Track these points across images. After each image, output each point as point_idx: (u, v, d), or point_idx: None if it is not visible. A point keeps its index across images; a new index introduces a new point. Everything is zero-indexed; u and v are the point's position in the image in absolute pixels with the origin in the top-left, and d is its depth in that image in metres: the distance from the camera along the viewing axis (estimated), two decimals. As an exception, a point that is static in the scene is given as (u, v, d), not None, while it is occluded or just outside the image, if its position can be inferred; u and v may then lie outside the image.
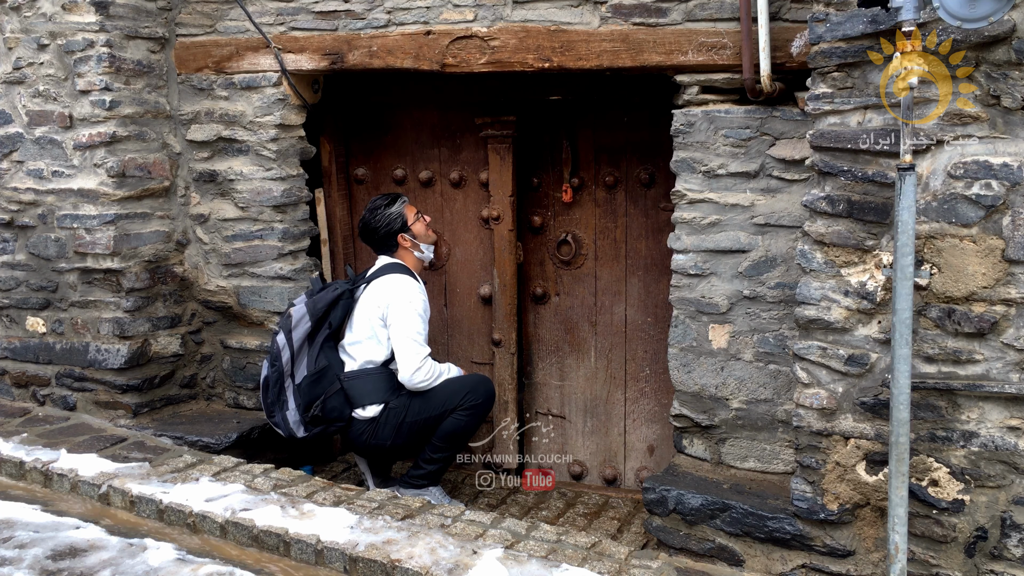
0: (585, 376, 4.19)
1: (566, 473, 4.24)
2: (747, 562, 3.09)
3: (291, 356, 3.70)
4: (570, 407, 4.24)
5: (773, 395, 3.28)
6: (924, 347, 2.64)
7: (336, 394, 3.70)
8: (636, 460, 4.13)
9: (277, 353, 3.69)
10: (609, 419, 4.17)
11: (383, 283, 3.74)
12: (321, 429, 3.74)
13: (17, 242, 4.30)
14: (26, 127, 4.17)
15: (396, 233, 3.82)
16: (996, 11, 2.29)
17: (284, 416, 3.70)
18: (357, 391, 3.69)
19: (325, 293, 3.75)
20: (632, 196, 3.99)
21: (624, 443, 4.15)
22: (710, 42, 3.25)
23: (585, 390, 4.20)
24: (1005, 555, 2.62)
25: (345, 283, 3.85)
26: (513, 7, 3.57)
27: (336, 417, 3.71)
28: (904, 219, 2.44)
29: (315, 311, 3.70)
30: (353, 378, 3.71)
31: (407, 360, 3.62)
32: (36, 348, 4.33)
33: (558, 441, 4.28)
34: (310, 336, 3.73)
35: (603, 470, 4.18)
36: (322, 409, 3.69)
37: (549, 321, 4.24)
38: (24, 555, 2.95)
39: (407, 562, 2.79)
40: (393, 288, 3.70)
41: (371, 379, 3.71)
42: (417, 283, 3.78)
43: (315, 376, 3.70)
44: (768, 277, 3.24)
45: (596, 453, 4.21)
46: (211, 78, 4.16)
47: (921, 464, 2.69)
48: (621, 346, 4.09)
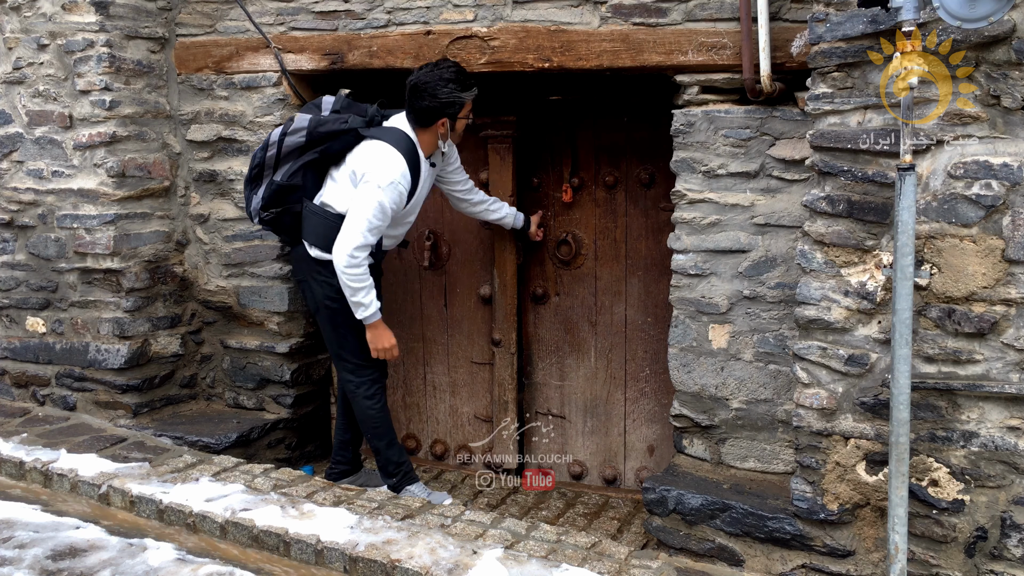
0: (585, 376, 4.19)
1: (566, 473, 4.24)
2: (747, 562, 3.09)
3: (276, 155, 3.55)
4: (570, 407, 4.24)
5: (773, 395, 3.28)
6: (924, 347, 2.64)
7: (295, 215, 3.58)
8: (636, 460, 4.13)
9: (267, 143, 3.56)
10: (609, 419, 4.16)
11: (373, 149, 3.45)
12: (270, 230, 3.72)
13: (17, 242, 4.30)
14: (26, 127, 4.17)
15: (442, 115, 3.45)
16: (996, 11, 2.29)
17: (250, 197, 3.65)
18: (309, 225, 3.56)
19: (333, 123, 3.51)
20: (632, 196, 3.99)
21: (624, 443, 4.15)
22: (710, 42, 3.25)
23: (585, 390, 4.19)
24: (1005, 555, 2.62)
25: (360, 121, 3.53)
26: (513, 7, 3.57)
27: (285, 231, 3.65)
28: (904, 219, 2.44)
29: (312, 133, 3.51)
30: (314, 212, 3.55)
31: (344, 240, 3.37)
32: (36, 348, 4.33)
33: (558, 441, 4.28)
34: (300, 150, 3.54)
35: (603, 470, 4.18)
36: (276, 219, 3.61)
37: (549, 321, 4.24)
38: (24, 555, 2.96)
39: (407, 562, 2.79)
40: (377, 162, 3.40)
41: (325, 224, 3.51)
42: (404, 172, 3.40)
43: (285, 189, 3.55)
44: (768, 277, 3.24)
45: (596, 453, 4.21)
46: (211, 78, 4.16)
47: (921, 464, 2.69)
48: (621, 346, 4.09)
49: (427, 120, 3.46)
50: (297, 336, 4.26)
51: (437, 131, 3.49)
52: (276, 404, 4.31)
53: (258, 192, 3.62)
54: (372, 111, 3.57)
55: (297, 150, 3.53)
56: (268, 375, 4.28)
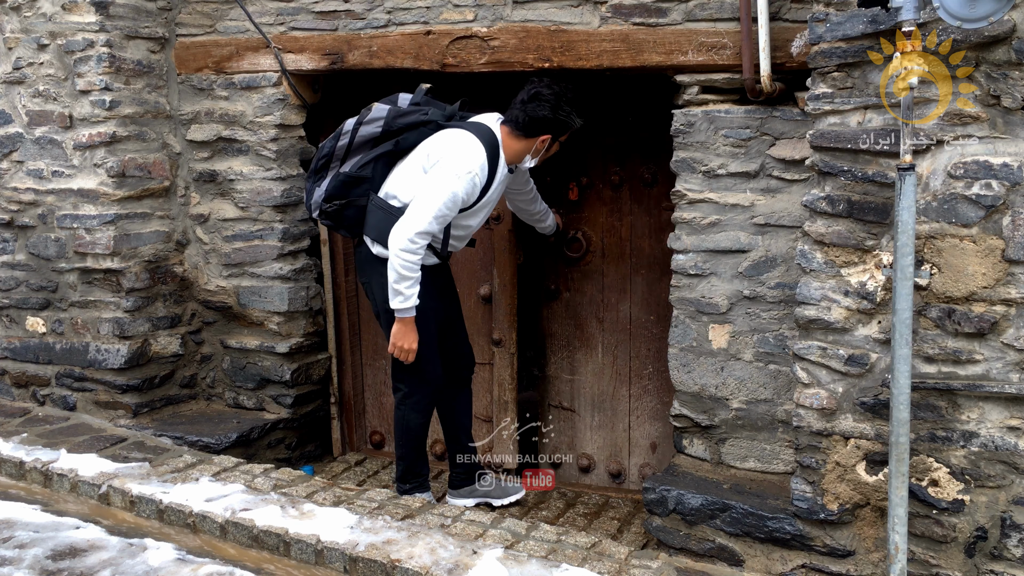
0: (593, 371, 4.21)
1: (575, 466, 4.28)
2: (747, 562, 3.09)
3: (348, 145, 3.42)
4: (580, 401, 4.27)
5: (773, 395, 3.28)
6: (924, 347, 2.64)
7: (359, 209, 3.44)
8: (639, 456, 4.14)
9: (339, 133, 3.44)
10: (615, 415, 4.18)
11: (453, 136, 3.34)
12: (330, 224, 3.57)
13: (17, 242, 4.30)
14: (26, 127, 4.17)
15: (549, 130, 3.35)
16: (996, 11, 2.29)
17: (312, 189, 3.51)
18: (372, 219, 3.40)
19: (412, 114, 3.41)
20: (636, 195, 4.01)
21: (628, 439, 4.17)
22: (710, 42, 3.25)
23: (593, 385, 4.22)
24: (1005, 555, 2.62)
25: (439, 114, 3.44)
26: (513, 7, 3.57)
27: (346, 225, 3.51)
28: (904, 219, 2.44)
29: (391, 124, 3.39)
30: (378, 207, 3.40)
31: (408, 223, 3.21)
32: (36, 348, 4.33)
33: (568, 434, 4.31)
34: (374, 141, 3.42)
35: (609, 464, 4.20)
36: (337, 212, 3.46)
37: (560, 316, 4.28)
38: (24, 555, 2.96)
39: (407, 562, 2.79)
40: (457, 148, 3.28)
41: (388, 218, 3.34)
42: (483, 165, 3.28)
43: (353, 180, 3.41)
44: (768, 277, 3.24)
45: (603, 447, 4.23)
46: (211, 78, 4.16)
47: (921, 464, 2.69)
48: (626, 343, 4.11)
49: (532, 130, 3.35)
50: (297, 336, 4.26)
51: (534, 144, 3.38)
52: (276, 404, 4.31)
53: (322, 184, 3.47)
54: (452, 108, 3.48)
55: (371, 141, 3.42)
56: (268, 375, 4.28)
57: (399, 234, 3.22)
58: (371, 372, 4.62)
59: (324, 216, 3.52)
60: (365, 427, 4.67)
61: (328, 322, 4.44)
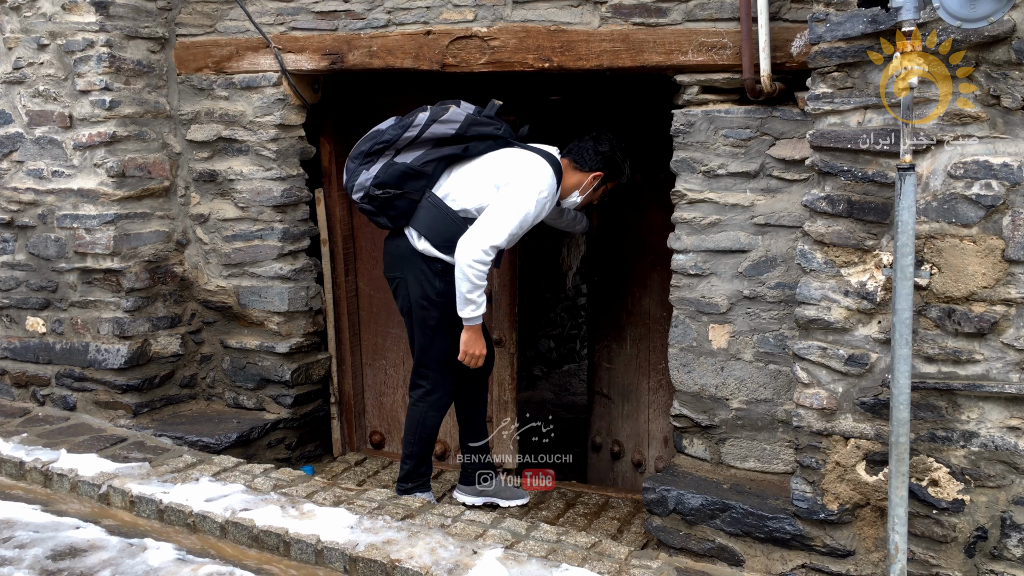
0: (624, 361, 4.32)
1: (608, 452, 4.36)
2: (747, 562, 3.09)
3: (414, 138, 3.42)
4: (614, 389, 4.35)
5: (773, 395, 3.28)
6: (924, 347, 2.64)
7: (412, 203, 3.45)
8: (656, 448, 4.22)
9: (408, 124, 3.42)
10: (638, 405, 4.27)
11: (529, 158, 3.45)
12: (371, 210, 3.50)
13: (17, 242, 4.30)
14: (26, 127, 4.17)
15: (602, 167, 3.55)
16: (996, 11, 2.29)
17: (358, 171, 3.46)
18: (426, 216, 3.44)
19: (487, 126, 3.47)
20: (653, 193, 4.07)
21: (648, 431, 4.24)
22: (710, 42, 3.25)
23: (623, 375, 4.33)
24: (1005, 555, 2.62)
25: (509, 132, 3.55)
26: (513, 7, 3.57)
27: (391, 216, 3.48)
28: (904, 219, 2.44)
29: (465, 129, 3.43)
30: (435, 205, 3.43)
31: (482, 235, 3.29)
32: (36, 348, 4.33)
33: (606, 419, 4.42)
34: (442, 141, 3.45)
35: (633, 454, 4.28)
36: (386, 201, 3.43)
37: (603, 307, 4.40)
38: (24, 555, 2.95)
39: (407, 562, 2.79)
40: (534, 171, 3.40)
41: (444, 218, 3.42)
42: (553, 190, 3.44)
43: (413, 173, 3.42)
44: (768, 277, 3.24)
45: (630, 436, 4.34)
46: (211, 78, 4.16)
47: (921, 464, 2.69)
48: (647, 337, 4.20)
49: (589, 163, 3.54)
50: (297, 336, 4.26)
51: (584, 179, 3.55)
52: (276, 404, 4.31)
53: (371, 169, 3.45)
54: (524, 130, 3.64)
55: (437, 140, 3.44)
56: (268, 375, 4.28)
57: (473, 245, 3.29)
58: (371, 372, 4.62)
59: (368, 200, 3.48)
60: (365, 427, 4.67)
61: (328, 322, 4.44)
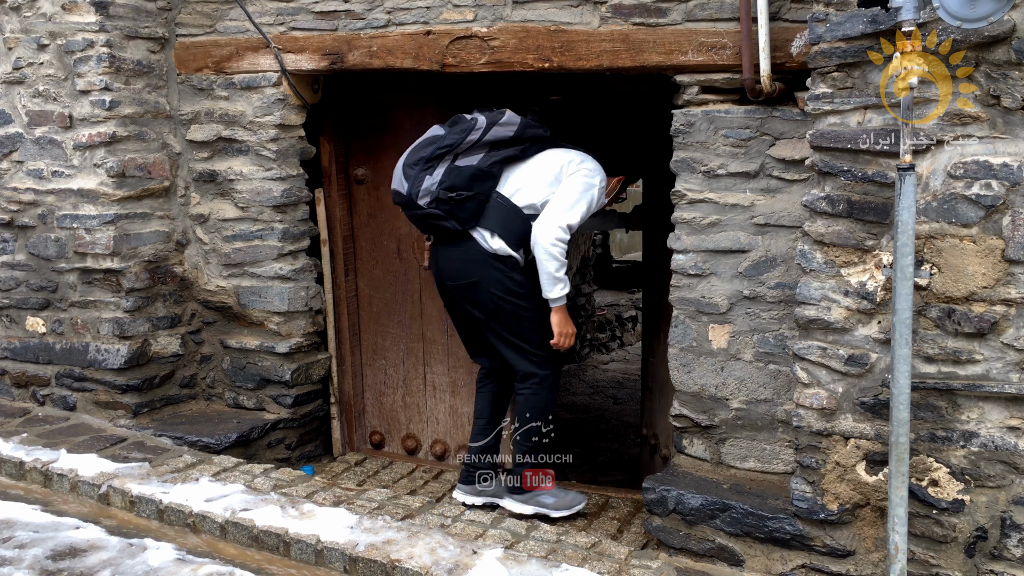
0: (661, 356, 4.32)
1: (649, 446, 4.43)
2: (747, 562, 3.09)
3: (475, 142, 3.52)
4: (655, 384, 4.37)
5: (773, 395, 3.28)
6: (924, 347, 2.64)
7: (480, 203, 3.53)
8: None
9: (468, 128, 3.53)
10: (664, 398, 4.26)
11: (581, 155, 3.64)
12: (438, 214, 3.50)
13: (17, 242, 4.30)
14: (26, 127, 4.17)
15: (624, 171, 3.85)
16: (996, 11, 2.29)
17: (420, 177, 3.49)
18: (497, 216, 3.54)
19: (538, 128, 3.64)
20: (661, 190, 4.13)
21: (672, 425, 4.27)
22: (710, 42, 3.25)
23: (660, 368, 4.34)
24: (1005, 555, 2.62)
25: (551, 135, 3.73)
26: (513, 7, 3.57)
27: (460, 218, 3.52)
28: (904, 219, 2.44)
29: (522, 131, 3.59)
30: (503, 204, 3.55)
31: (558, 218, 3.47)
32: (36, 348, 4.33)
33: (649, 414, 4.47)
34: (500, 144, 3.57)
35: (662, 448, 4.29)
36: (458, 204, 3.49)
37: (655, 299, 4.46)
38: (24, 555, 2.96)
39: (407, 562, 2.79)
40: (588, 164, 3.59)
41: (514, 216, 3.55)
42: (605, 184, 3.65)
43: (482, 175, 3.53)
44: (768, 277, 3.24)
45: (663, 430, 4.33)
46: (211, 78, 4.16)
47: (921, 464, 2.69)
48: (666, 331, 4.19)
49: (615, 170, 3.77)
50: (297, 336, 4.26)
51: (610, 182, 3.74)
52: (276, 404, 4.31)
53: (434, 173, 3.50)
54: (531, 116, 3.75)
55: (495, 142, 3.56)
56: (268, 375, 4.28)
57: (552, 225, 3.46)
58: (371, 372, 4.62)
59: (437, 204, 3.51)
60: (365, 427, 4.67)
61: (328, 322, 4.44)
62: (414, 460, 4.52)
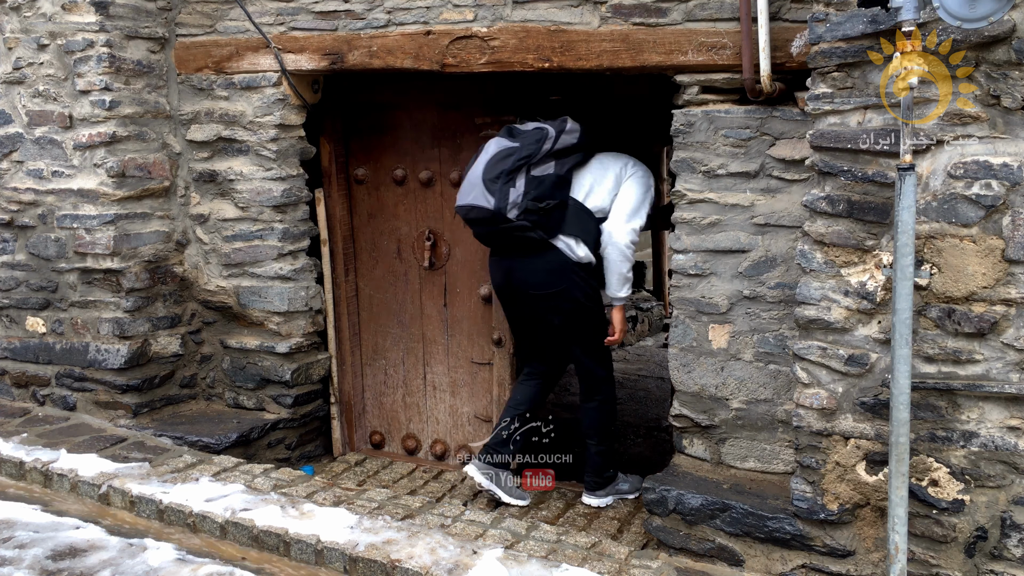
0: None
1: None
2: (747, 562, 3.09)
3: (547, 151, 3.58)
4: None
5: (773, 395, 3.28)
6: (924, 347, 2.64)
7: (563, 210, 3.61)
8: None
9: (540, 137, 3.57)
10: None
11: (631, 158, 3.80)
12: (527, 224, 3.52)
13: (17, 242, 4.30)
14: (26, 127, 4.17)
15: None
16: (996, 11, 2.29)
17: (505, 190, 3.50)
18: (578, 221, 3.62)
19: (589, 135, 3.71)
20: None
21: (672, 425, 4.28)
22: (710, 42, 3.25)
23: None
24: (1005, 555, 2.62)
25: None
26: (513, 7, 3.57)
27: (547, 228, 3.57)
28: (904, 219, 2.44)
29: (583, 138, 3.66)
30: (581, 209, 3.64)
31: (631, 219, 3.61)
32: (36, 348, 4.33)
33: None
34: (565, 151, 3.63)
35: None
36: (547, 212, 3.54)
37: None
38: (24, 555, 2.96)
39: (407, 562, 2.79)
40: (641, 165, 3.77)
41: (590, 221, 3.65)
42: None
43: (562, 181, 3.61)
44: (768, 277, 3.24)
45: None
46: (211, 78, 4.16)
47: (921, 464, 2.69)
48: None
49: None
50: (297, 336, 4.26)
51: None
52: (276, 404, 4.31)
53: (516, 184, 3.53)
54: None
55: (562, 150, 3.63)
56: (268, 375, 4.28)
57: (627, 227, 3.61)
58: (371, 372, 4.62)
59: (527, 215, 3.54)
60: (365, 427, 4.68)
61: (328, 322, 4.44)
62: (414, 460, 4.52)
